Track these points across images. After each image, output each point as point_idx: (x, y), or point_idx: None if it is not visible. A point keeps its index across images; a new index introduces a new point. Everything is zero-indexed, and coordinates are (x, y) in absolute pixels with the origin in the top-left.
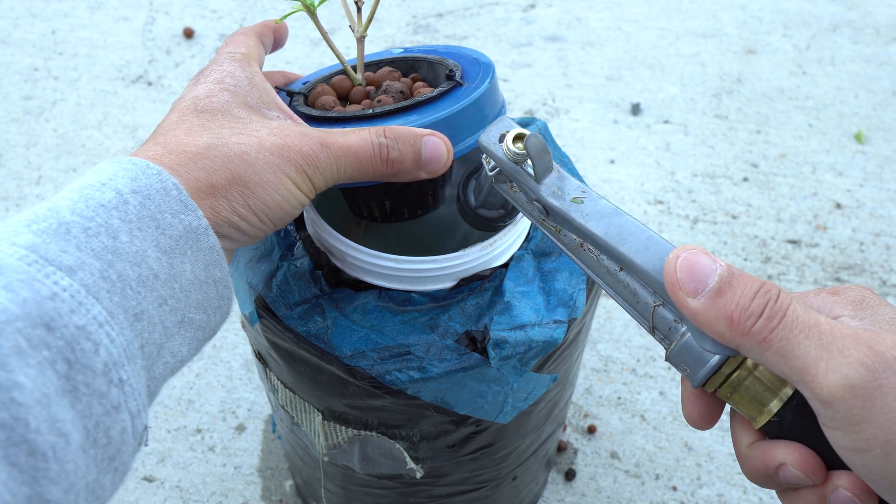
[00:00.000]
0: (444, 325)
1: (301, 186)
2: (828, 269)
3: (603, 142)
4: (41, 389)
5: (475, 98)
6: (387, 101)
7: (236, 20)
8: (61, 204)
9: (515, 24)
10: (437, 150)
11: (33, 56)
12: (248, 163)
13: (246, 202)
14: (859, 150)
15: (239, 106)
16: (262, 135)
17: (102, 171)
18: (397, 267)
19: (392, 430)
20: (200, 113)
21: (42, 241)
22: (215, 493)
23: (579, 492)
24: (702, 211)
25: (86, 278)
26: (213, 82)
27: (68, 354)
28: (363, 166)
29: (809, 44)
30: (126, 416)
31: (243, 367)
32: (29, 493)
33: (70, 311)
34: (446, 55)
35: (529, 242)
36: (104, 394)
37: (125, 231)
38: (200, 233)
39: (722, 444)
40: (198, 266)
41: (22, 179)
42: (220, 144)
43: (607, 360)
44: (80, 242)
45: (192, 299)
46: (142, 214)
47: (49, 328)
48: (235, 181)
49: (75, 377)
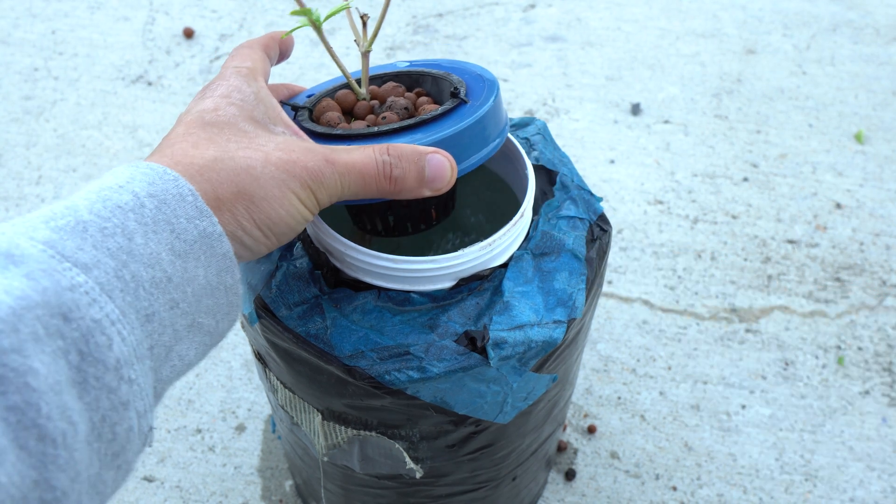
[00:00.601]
0: (443, 325)
1: (305, 202)
2: (828, 269)
3: (603, 142)
4: (54, 377)
5: (479, 117)
6: (391, 118)
7: (236, 20)
8: (79, 203)
9: (515, 24)
10: (441, 169)
11: (33, 56)
12: (254, 177)
13: (250, 216)
14: (859, 150)
15: (245, 120)
16: (268, 149)
17: (120, 174)
18: (396, 267)
19: (392, 430)
20: (207, 126)
21: (59, 237)
22: (215, 493)
23: (579, 492)
24: (702, 211)
25: (100, 276)
26: (220, 96)
27: (82, 346)
28: (367, 183)
29: (809, 44)
30: (133, 415)
31: (243, 367)
32: (35, 478)
33: (87, 305)
34: (451, 70)
35: (529, 242)
36: (113, 389)
37: (140, 233)
38: (214, 239)
39: (722, 444)
40: (210, 271)
41: (22, 179)
42: (227, 158)
43: (607, 360)
44: (97, 241)
45: (202, 304)
46: (157, 218)
47: (66, 318)
48: (241, 195)
49: (86, 369)
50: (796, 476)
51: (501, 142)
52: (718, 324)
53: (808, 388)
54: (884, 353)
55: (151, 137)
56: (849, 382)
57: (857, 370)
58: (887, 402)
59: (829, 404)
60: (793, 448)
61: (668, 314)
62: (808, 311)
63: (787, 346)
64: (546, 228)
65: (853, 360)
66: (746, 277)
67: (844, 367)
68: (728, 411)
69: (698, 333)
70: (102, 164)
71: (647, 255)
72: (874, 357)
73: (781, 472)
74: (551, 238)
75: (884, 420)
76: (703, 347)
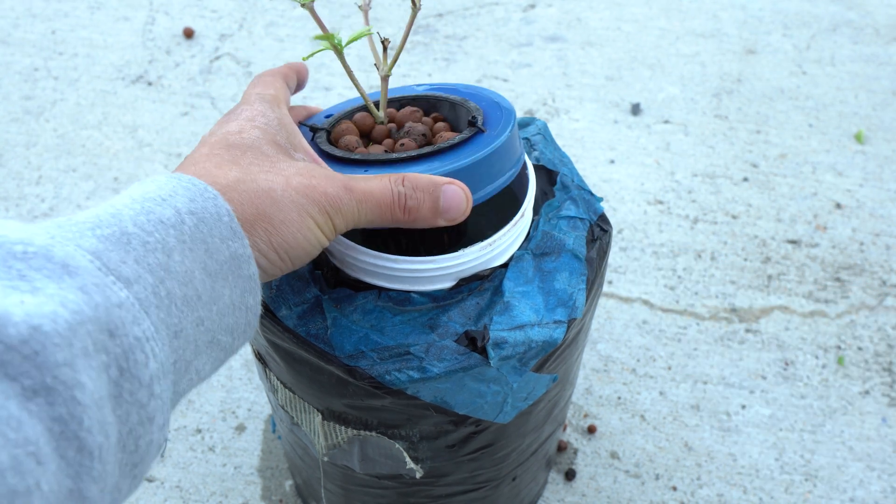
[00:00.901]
0: (443, 325)
1: (323, 227)
2: (828, 269)
3: (603, 142)
4: (99, 392)
5: (496, 147)
6: (409, 144)
7: (236, 20)
8: (124, 213)
9: (515, 24)
10: (456, 199)
11: (33, 56)
12: (274, 200)
13: (269, 239)
14: (859, 150)
15: (268, 144)
16: (289, 174)
17: (163, 186)
18: (397, 267)
19: (392, 430)
20: (231, 148)
21: (105, 247)
22: (215, 493)
23: (579, 492)
24: (702, 211)
25: (140, 292)
26: (245, 119)
27: (122, 362)
28: (383, 212)
29: (809, 44)
30: (155, 428)
31: (243, 367)
32: (71, 487)
33: (131, 322)
34: (468, 96)
35: (529, 242)
36: (144, 405)
37: (178, 250)
38: (244, 260)
39: (722, 444)
40: (235, 292)
41: (22, 179)
42: (249, 180)
43: (607, 360)
44: (139, 256)
45: (224, 322)
46: (195, 236)
47: (112, 335)
48: (261, 217)
49: (123, 384)
50: (796, 476)
51: (516, 172)
52: (718, 324)
53: (808, 388)
54: (884, 353)
55: (151, 137)
56: (849, 382)
57: (857, 370)
58: (887, 402)
59: (829, 404)
60: (793, 448)
61: (668, 314)
62: (808, 311)
63: (787, 346)
64: (546, 228)
65: (853, 360)
66: (746, 277)
67: (844, 367)
68: (728, 411)
69: (698, 333)
70: (102, 164)
71: (647, 255)
72: (874, 357)
73: (781, 472)
74: (552, 238)
75: (884, 420)
76: (703, 347)
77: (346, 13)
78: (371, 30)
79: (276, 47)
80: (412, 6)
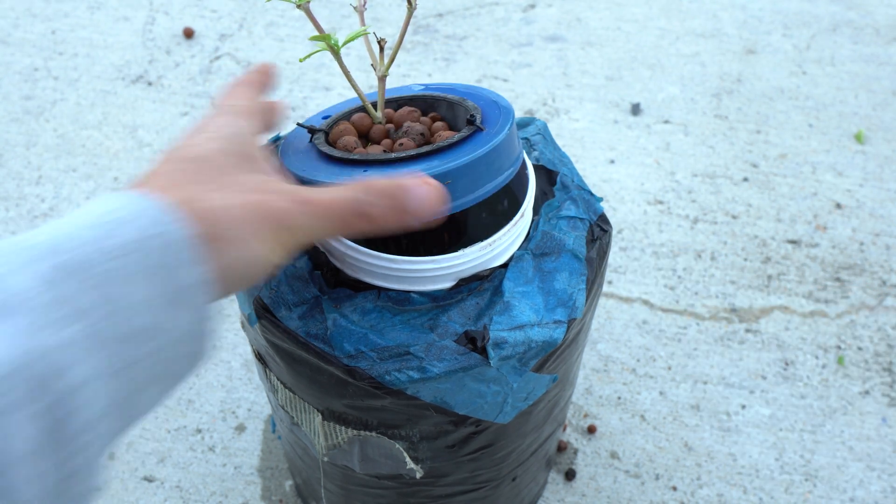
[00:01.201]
0: (443, 325)
1: (273, 247)
2: (828, 269)
3: (603, 142)
4: (28, 445)
5: (494, 146)
6: (408, 144)
7: (236, 20)
8: (84, 235)
9: (515, 24)
10: (426, 198)
11: (33, 56)
12: (224, 219)
13: (217, 262)
14: (859, 150)
15: (228, 156)
16: (245, 189)
17: (128, 206)
18: (396, 267)
19: (392, 431)
20: (189, 161)
21: (47, 279)
22: (215, 493)
23: (579, 492)
24: (702, 211)
25: (87, 328)
26: (207, 132)
27: (56, 411)
28: (345, 222)
29: (809, 44)
30: (91, 474)
31: (243, 367)
32: None
33: (69, 366)
34: (466, 95)
35: (529, 242)
36: (78, 451)
37: (141, 276)
38: (206, 286)
39: (722, 444)
40: (194, 319)
41: (22, 179)
42: (202, 198)
43: (607, 360)
44: (97, 283)
45: (179, 350)
46: (160, 262)
47: (45, 383)
48: (209, 237)
49: (55, 434)
50: (796, 476)
51: (515, 170)
52: (718, 324)
53: (808, 388)
54: (884, 353)
55: (151, 137)
56: (849, 382)
57: (857, 370)
58: (887, 402)
59: (829, 404)
60: (793, 448)
61: (668, 314)
62: (808, 311)
63: (787, 346)
64: (546, 228)
65: (853, 360)
66: (746, 277)
67: (844, 367)
68: (728, 411)
69: (698, 333)
70: (102, 164)
71: (647, 255)
72: (874, 357)
73: (781, 472)
74: (551, 238)
75: (884, 420)
76: (703, 347)
77: (347, 13)
78: (367, 30)
79: (275, 47)
80: (408, 6)
